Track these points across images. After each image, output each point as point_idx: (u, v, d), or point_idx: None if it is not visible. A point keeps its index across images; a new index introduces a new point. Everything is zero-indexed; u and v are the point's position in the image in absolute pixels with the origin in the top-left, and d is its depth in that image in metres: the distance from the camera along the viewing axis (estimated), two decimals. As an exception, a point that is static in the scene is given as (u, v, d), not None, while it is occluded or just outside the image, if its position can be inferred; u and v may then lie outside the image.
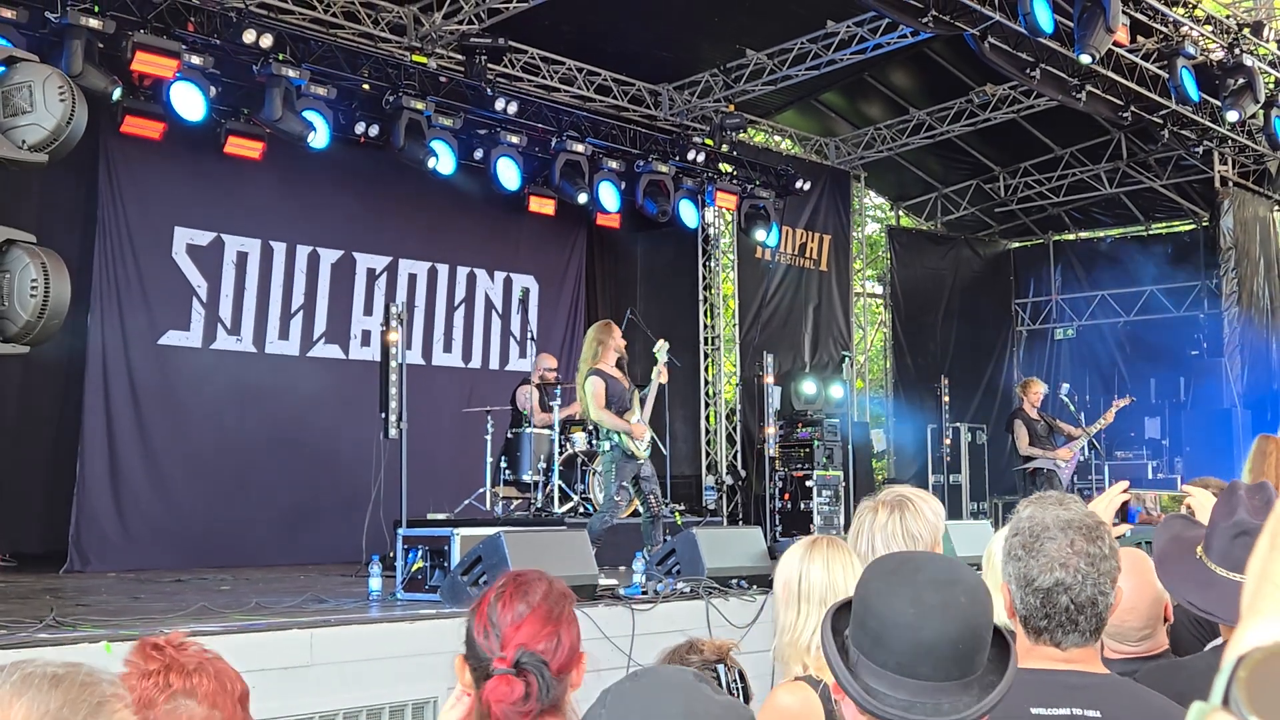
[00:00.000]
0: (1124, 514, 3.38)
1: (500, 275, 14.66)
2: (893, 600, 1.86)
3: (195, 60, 10.80)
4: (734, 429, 16.58)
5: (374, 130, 12.38)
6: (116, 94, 10.43)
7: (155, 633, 2.11)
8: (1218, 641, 3.03)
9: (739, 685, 2.96)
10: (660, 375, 9.81)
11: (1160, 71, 14.29)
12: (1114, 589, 2.47)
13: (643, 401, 9.66)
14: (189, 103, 10.85)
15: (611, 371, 9.42)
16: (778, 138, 18.12)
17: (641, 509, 9.76)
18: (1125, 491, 3.30)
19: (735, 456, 16.45)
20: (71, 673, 1.30)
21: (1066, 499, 2.57)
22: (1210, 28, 14.33)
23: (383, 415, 10.21)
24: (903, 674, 1.83)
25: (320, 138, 11.73)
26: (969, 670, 1.86)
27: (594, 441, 10.21)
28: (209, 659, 2.09)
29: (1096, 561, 2.44)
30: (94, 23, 10.01)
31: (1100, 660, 2.51)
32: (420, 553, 7.77)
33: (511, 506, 11.87)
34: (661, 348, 9.92)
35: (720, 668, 2.70)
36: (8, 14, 9.64)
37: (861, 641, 1.87)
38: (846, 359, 17.23)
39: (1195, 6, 14.12)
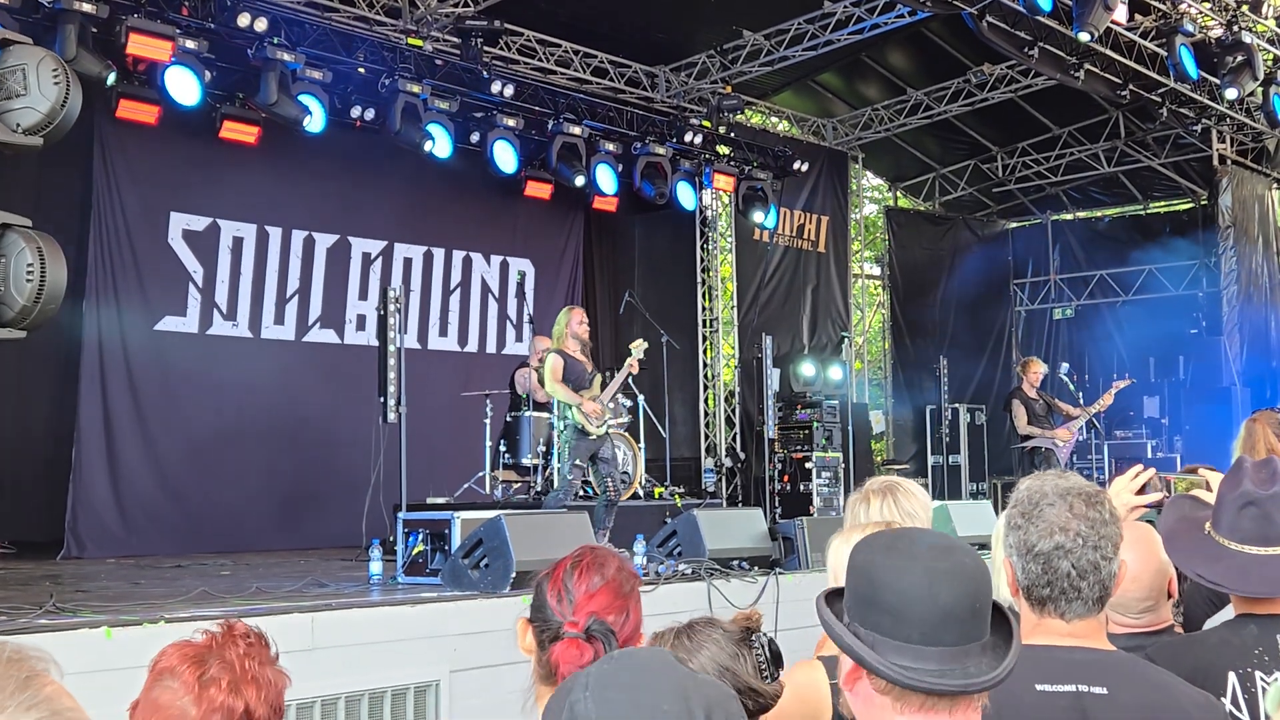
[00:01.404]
0: (1142, 493, 3.32)
1: (497, 259, 14.62)
2: (904, 573, 1.84)
3: (189, 44, 10.74)
4: (733, 411, 16.57)
5: (370, 114, 12.32)
6: (111, 79, 10.37)
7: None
8: (1228, 616, 3.01)
9: (774, 651, 2.86)
10: (630, 367, 9.91)
11: (1159, 49, 14.23)
12: (1116, 556, 2.44)
13: (604, 385, 9.76)
14: (184, 87, 10.78)
15: (573, 354, 9.59)
16: (775, 119, 18.07)
17: (597, 490, 9.82)
18: (1146, 471, 3.27)
19: (734, 439, 16.44)
20: None
21: (1066, 473, 2.56)
22: (1209, 5, 14.27)
23: (381, 399, 10.20)
24: (926, 644, 1.80)
25: (316, 122, 11.67)
26: (983, 633, 1.85)
27: (553, 423, 10.35)
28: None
29: (1097, 526, 2.42)
30: (87, 7, 9.94)
31: (1105, 636, 2.48)
32: (421, 536, 7.77)
33: (511, 490, 11.86)
34: (639, 346, 10.05)
35: (760, 637, 2.66)
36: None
37: (878, 621, 1.84)
38: (845, 340, 17.22)
39: (1193, -16, 14.09)
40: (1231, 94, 14.37)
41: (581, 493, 10.79)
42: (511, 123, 13.33)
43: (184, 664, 2.18)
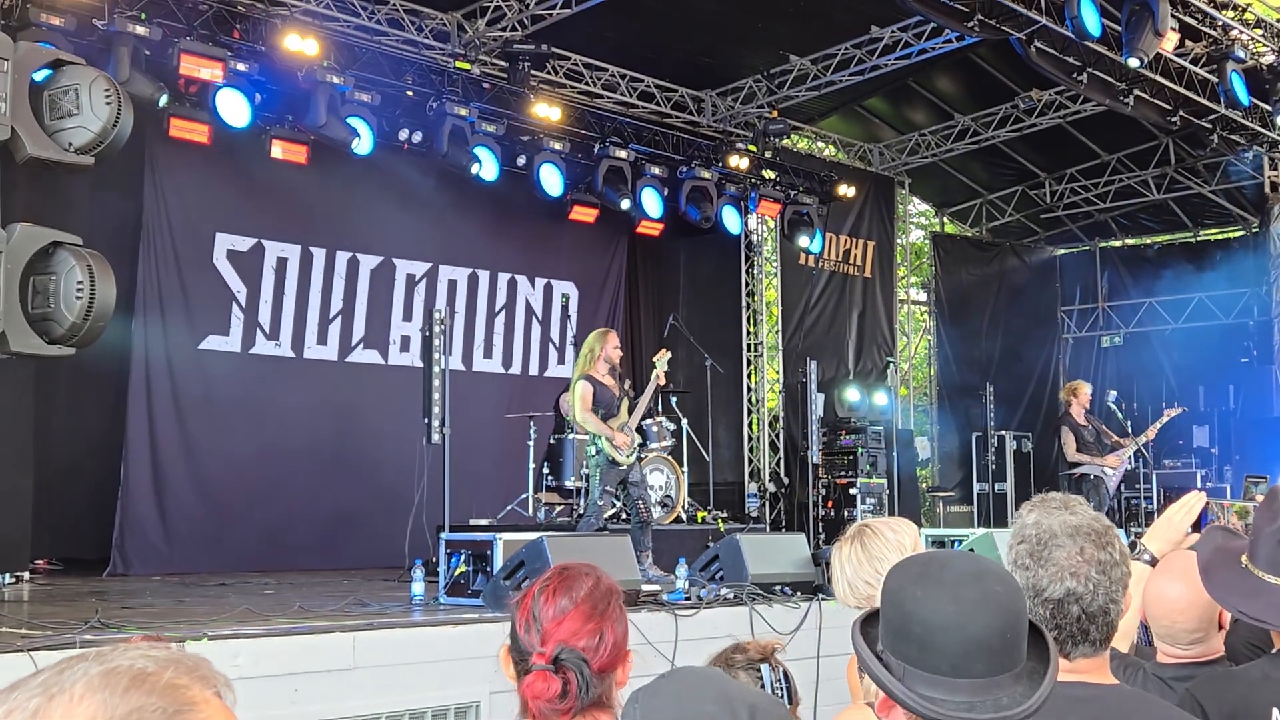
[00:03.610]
0: (1196, 523, 3.29)
1: (541, 282, 14.65)
2: (931, 602, 1.81)
3: (240, 67, 10.89)
4: (777, 436, 16.51)
5: (417, 136, 12.40)
6: (163, 100, 10.51)
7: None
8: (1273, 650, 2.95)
9: (783, 686, 2.90)
10: (657, 380, 9.91)
11: (1209, 76, 14.11)
12: (1125, 596, 2.39)
13: (632, 409, 9.75)
14: (234, 109, 10.92)
15: (602, 379, 9.61)
16: (821, 144, 18.04)
17: (630, 515, 9.80)
18: (1200, 501, 3.22)
19: (778, 464, 16.38)
20: (157, 672, 1.12)
21: (1071, 501, 2.48)
22: (1260, 31, 14.14)
23: (425, 420, 10.24)
24: (957, 675, 1.77)
25: (364, 144, 11.77)
26: (1017, 661, 1.81)
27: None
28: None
29: (1108, 569, 2.35)
30: (141, 30, 10.12)
31: (1109, 670, 2.43)
32: (463, 557, 7.77)
33: (554, 512, 11.86)
34: (662, 358, 10.08)
35: (764, 667, 2.64)
36: (56, 21, 9.73)
37: (906, 651, 1.81)
38: (890, 366, 17.13)
39: (1245, 10, 13.95)
40: (1284, 120, 14.24)
41: (623, 516, 10.78)
42: (558, 146, 13.40)
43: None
